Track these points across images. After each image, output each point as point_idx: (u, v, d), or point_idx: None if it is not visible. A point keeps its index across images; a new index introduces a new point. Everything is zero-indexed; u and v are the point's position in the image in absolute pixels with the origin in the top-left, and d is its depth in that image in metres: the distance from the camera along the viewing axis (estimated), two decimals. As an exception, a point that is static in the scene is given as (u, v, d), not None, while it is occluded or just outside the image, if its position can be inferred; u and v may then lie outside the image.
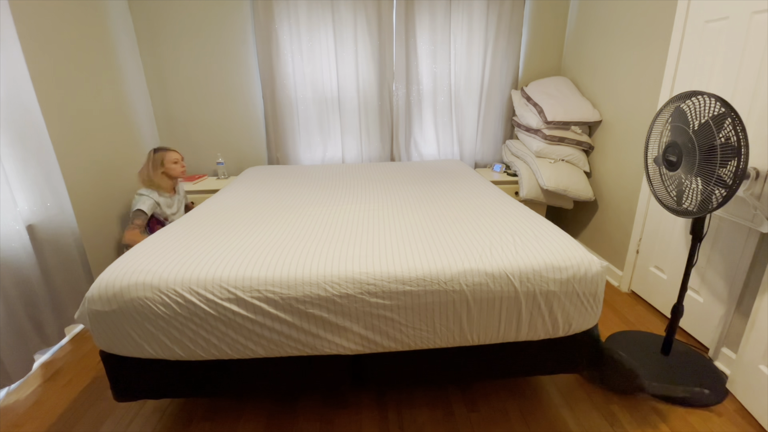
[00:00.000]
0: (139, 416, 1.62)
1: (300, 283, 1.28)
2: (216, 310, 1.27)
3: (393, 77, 3.06)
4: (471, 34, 3.01)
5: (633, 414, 1.58)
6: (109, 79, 2.57)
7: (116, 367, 1.38)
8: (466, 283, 1.31)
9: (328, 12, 2.87)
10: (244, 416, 1.61)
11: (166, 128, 3.14)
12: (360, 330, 1.33)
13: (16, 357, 1.70)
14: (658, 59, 2.16)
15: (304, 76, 3.01)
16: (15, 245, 1.69)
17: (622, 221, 2.53)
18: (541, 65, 3.19)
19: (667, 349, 1.84)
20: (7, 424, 1.59)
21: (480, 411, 1.61)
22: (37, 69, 2.00)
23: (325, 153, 3.23)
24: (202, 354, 1.32)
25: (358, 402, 1.66)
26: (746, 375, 1.59)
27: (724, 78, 1.75)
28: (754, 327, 1.55)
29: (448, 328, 1.36)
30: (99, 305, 1.27)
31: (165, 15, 2.87)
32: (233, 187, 2.42)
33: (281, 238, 1.57)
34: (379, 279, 1.30)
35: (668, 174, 1.60)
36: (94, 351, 2.03)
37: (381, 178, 2.54)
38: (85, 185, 2.31)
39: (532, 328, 1.40)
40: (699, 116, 1.41)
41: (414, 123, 3.20)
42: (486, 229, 1.61)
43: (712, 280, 1.88)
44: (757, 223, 1.60)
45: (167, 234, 1.63)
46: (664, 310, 2.21)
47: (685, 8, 1.95)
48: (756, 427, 1.51)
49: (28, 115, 1.77)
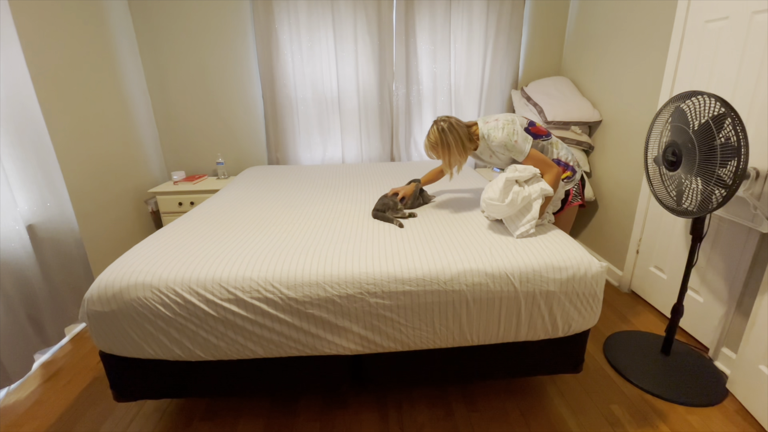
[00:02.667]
0: (139, 416, 1.62)
1: (300, 283, 1.28)
2: (216, 310, 1.27)
3: (393, 77, 3.06)
4: (471, 34, 3.00)
5: (633, 414, 1.58)
6: (109, 79, 2.57)
7: (116, 368, 1.38)
8: (466, 283, 1.31)
9: (328, 12, 2.87)
10: (244, 416, 1.61)
11: (166, 128, 3.14)
12: (360, 330, 1.33)
13: (16, 357, 1.70)
14: (658, 59, 2.16)
15: (304, 76, 3.01)
16: (15, 245, 1.69)
17: (622, 221, 2.53)
18: (541, 65, 3.19)
19: (667, 349, 1.84)
20: (7, 424, 1.59)
21: (480, 411, 1.61)
22: (37, 69, 2.00)
23: (324, 153, 3.23)
24: (201, 354, 1.32)
25: (358, 402, 1.66)
26: (746, 375, 1.59)
27: (724, 78, 1.75)
28: (754, 327, 1.55)
29: (447, 328, 1.36)
30: (98, 306, 1.27)
31: (165, 15, 2.87)
32: (232, 187, 2.42)
33: (281, 238, 1.57)
34: (379, 279, 1.30)
35: (668, 174, 1.60)
36: (94, 351, 2.03)
37: (381, 178, 2.54)
38: (85, 185, 2.31)
39: (532, 328, 1.40)
40: (699, 116, 1.41)
41: (414, 123, 3.20)
42: (486, 229, 1.61)
43: (712, 280, 1.88)
44: (757, 223, 1.60)
45: (166, 234, 1.63)
46: (664, 310, 2.20)
47: (685, 8, 1.95)
48: (756, 427, 1.51)
49: (28, 115, 1.77)
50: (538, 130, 1.77)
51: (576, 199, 1.88)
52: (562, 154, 1.81)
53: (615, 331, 2.10)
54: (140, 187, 2.88)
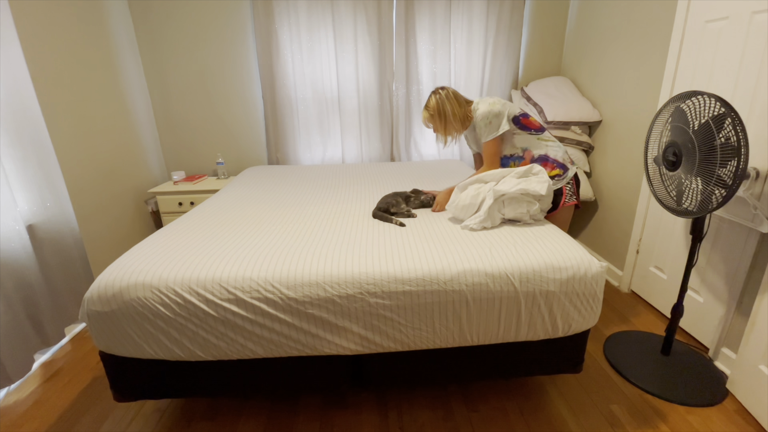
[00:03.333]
0: (139, 416, 1.62)
1: (300, 283, 1.28)
2: (215, 310, 1.27)
3: (393, 77, 3.06)
4: (471, 34, 3.01)
5: (633, 414, 1.58)
6: (109, 79, 2.57)
7: (116, 368, 1.38)
8: (466, 283, 1.31)
9: (328, 12, 2.87)
10: (244, 416, 1.61)
11: (166, 128, 3.14)
12: (360, 330, 1.33)
13: (16, 357, 1.70)
14: (658, 59, 2.16)
15: (304, 76, 3.01)
16: (15, 245, 1.69)
17: (622, 221, 2.53)
18: (541, 65, 3.19)
19: (667, 349, 1.84)
20: (7, 424, 1.59)
21: (480, 411, 1.61)
22: (37, 69, 2.00)
23: (324, 153, 3.23)
24: (201, 354, 1.32)
25: (358, 402, 1.66)
26: (746, 375, 1.59)
27: (724, 78, 1.75)
28: (754, 327, 1.55)
29: (447, 328, 1.36)
30: (98, 306, 1.27)
31: (165, 15, 2.87)
32: (232, 187, 2.42)
33: (281, 238, 1.57)
34: (378, 279, 1.30)
35: (668, 174, 1.60)
36: (94, 351, 2.03)
37: (381, 178, 2.54)
38: (85, 185, 2.31)
39: (532, 328, 1.40)
40: (699, 116, 1.41)
41: (414, 123, 3.20)
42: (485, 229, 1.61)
43: (712, 280, 1.88)
44: (757, 223, 1.60)
45: (166, 234, 1.63)
46: (664, 310, 2.20)
47: (685, 8, 1.95)
48: (756, 427, 1.51)
49: (28, 115, 1.77)
50: (529, 122, 1.82)
51: (571, 198, 1.85)
52: (552, 151, 1.83)
53: (615, 331, 2.10)
54: (140, 187, 2.88)
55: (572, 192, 1.86)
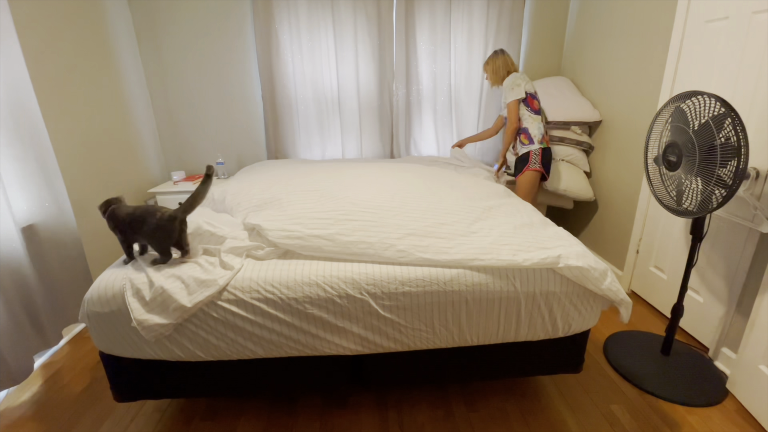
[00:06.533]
0: (139, 416, 1.62)
1: (300, 283, 1.28)
2: (215, 310, 1.26)
3: (393, 77, 3.06)
4: (471, 34, 3.00)
5: (633, 414, 1.58)
6: (109, 78, 2.57)
7: (116, 368, 1.38)
8: (466, 283, 1.31)
9: (328, 12, 2.87)
10: (244, 416, 1.61)
11: (166, 128, 3.14)
12: (360, 330, 1.33)
13: (17, 358, 1.70)
14: (658, 59, 2.16)
15: (304, 76, 3.01)
16: (14, 245, 1.69)
17: (622, 221, 2.53)
18: (541, 65, 3.19)
19: (667, 349, 1.84)
20: (6, 425, 1.59)
21: (480, 411, 1.61)
22: (36, 69, 1.99)
23: (324, 153, 3.23)
24: (201, 354, 1.32)
25: (358, 402, 1.66)
26: (746, 375, 1.59)
27: (724, 78, 1.75)
28: (754, 327, 1.55)
29: (447, 329, 1.36)
30: (98, 306, 1.27)
31: (165, 15, 2.87)
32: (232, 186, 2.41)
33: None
34: (378, 279, 1.30)
35: (668, 174, 1.60)
36: (94, 351, 2.03)
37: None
38: (85, 185, 2.30)
39: (532, 328, 1.40)
40: (699, 116, 1.41)
41: (414, 123, 3.20)
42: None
43: (712, 280, 1.88)
44: (757, 223, 1.60)
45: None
46: (664, 310, 2.20)
47: (685, 8, 1.95)
48: (756, 427, 1.51)
49: (27, 115, 1.76)
50: (531, 102, 2.41)
51: (534, 165, 2.42)
52: (532, 128, 2.42)
53: (615, 331, 2.10)
54: (140, 187, 2.88)
55: (537, 162, 2.42)
